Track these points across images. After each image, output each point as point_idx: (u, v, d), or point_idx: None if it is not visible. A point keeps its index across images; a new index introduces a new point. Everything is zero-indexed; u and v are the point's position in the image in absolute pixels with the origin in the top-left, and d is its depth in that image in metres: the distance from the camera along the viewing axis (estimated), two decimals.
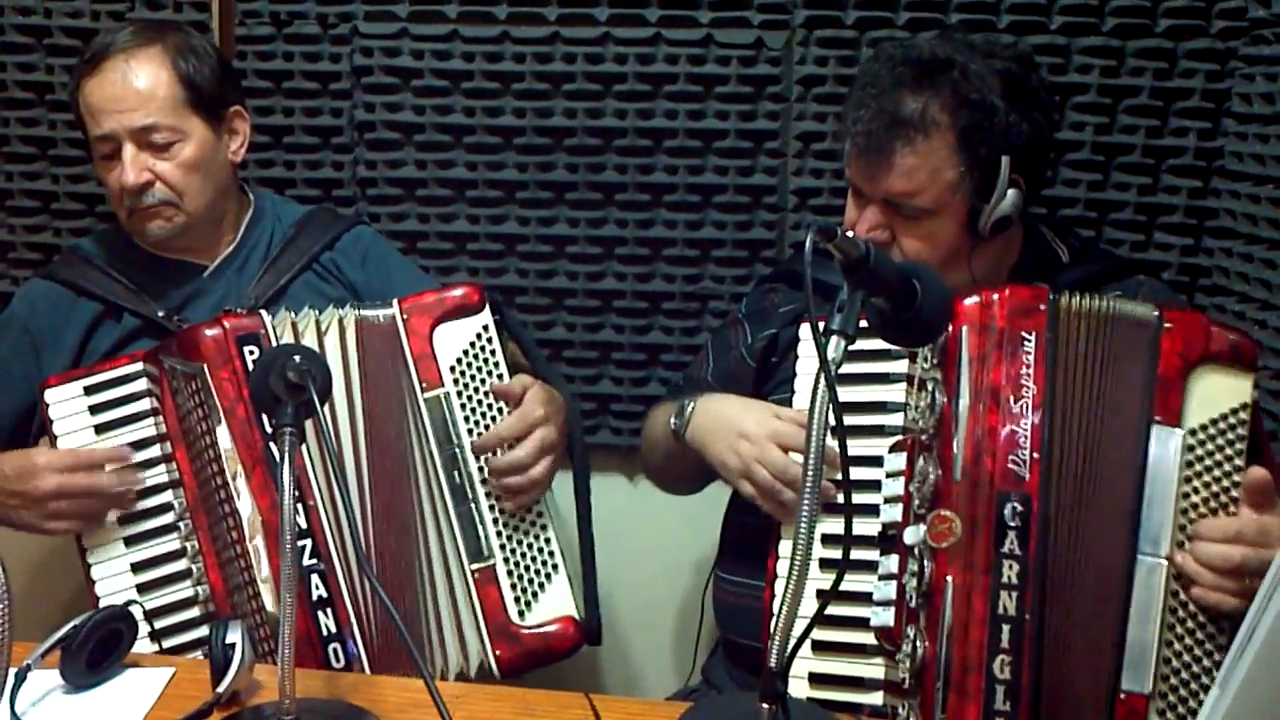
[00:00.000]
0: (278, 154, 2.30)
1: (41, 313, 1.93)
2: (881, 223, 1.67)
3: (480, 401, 1.75)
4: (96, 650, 1.45)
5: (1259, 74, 1.98)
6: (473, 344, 1.76)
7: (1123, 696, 1.38)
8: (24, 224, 2.38)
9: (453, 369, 1.75)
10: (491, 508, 1.73)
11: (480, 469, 1.73)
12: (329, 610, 1.64)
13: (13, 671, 1.34)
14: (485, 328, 1.77)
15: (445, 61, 2.23)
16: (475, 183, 2.27)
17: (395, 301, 1.76)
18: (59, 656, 1.43)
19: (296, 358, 1.35)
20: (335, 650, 1.63)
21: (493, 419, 1.75)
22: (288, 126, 2.29)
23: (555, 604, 1.74)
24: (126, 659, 1.50)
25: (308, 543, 1.64)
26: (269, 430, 1.60)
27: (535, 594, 1.73)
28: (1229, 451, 1.43)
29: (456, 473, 1.73)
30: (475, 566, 1.72)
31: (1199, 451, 1.43)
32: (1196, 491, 1.42)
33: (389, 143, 2.28)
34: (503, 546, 1.73)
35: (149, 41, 1.85)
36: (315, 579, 1.64)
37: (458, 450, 1.73)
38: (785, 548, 1.57)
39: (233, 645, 1.39)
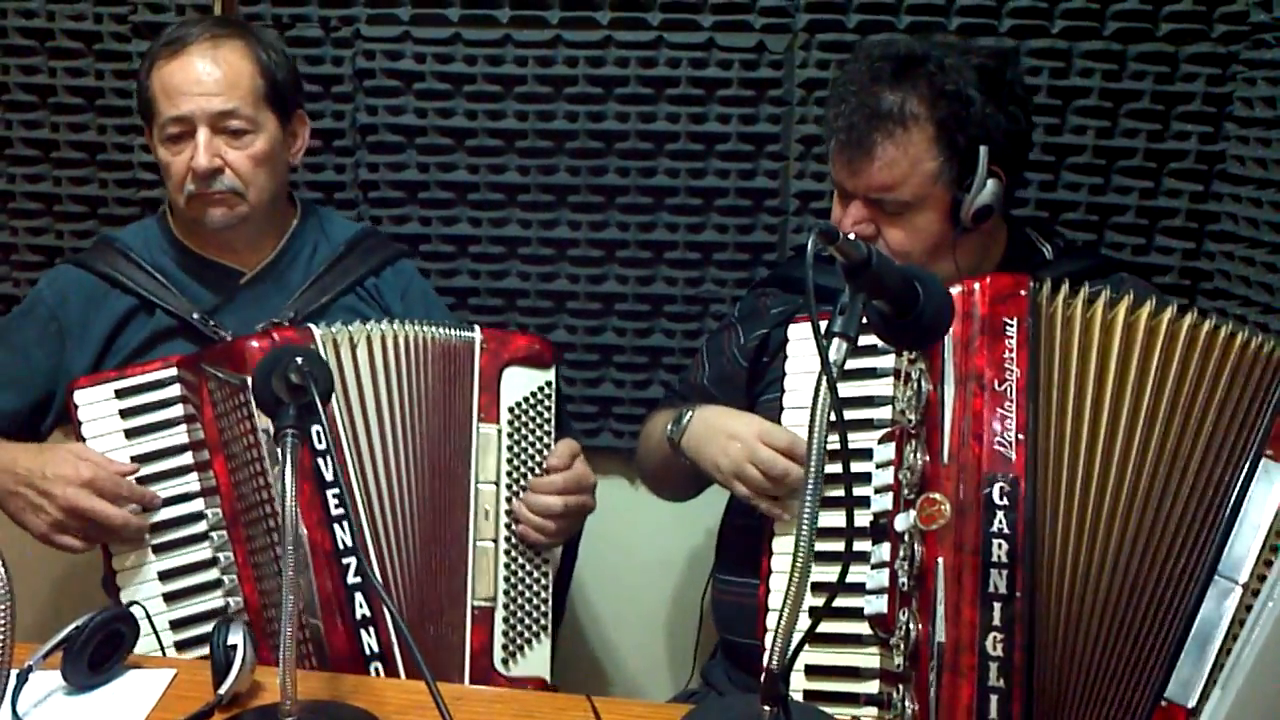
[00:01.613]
0: None
1: (72, 302, 1.89)
2: (865, 218, 1.70)
3: (523, 450, 1.78)
4: (98, 651, 1.45)
5: (1260, 78, 1.98)
6: (533, 394, 1.80)
7: (1164, 705, 1.39)
8: (26, 226, 2.39)
9: (511, 410, 1.78)
10: (507, 553, 1.75)
11: (508, 512, 1.76)
12: (372, 629, 1.60)
13: (14, 673, 1.34)
14: (549, 383, 1.81)
15: (447, 64, 2.23)
16: (477, 185, 2.27)
17: (478, 329, 1.79)
18: (61, 658, 1.43)
19: (299, 359, 1.35)
20: (377, 669, 1.59)
21: (532, 468, 1.79)
22: None
23: (535, 664, 1.75)
24: (128, 660, 1.50)
25: (352, 560, 1.60)
26: (318, 445, 1.58)
27: (521, 648, 1.75)
28: None
29: (487, 508, 1.75)
30: (478, 603, 1.72)
31: None
32: None
33: (391, 145, 2.28)
34: (506, 593, 1.75)
35: (234, 34, 1.87)
36: (359, 597, 1.60)
37: (495, 487, 1.75)
38: (779, 544, 1.60)
39: (234, 647, 1.39)
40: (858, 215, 1.70)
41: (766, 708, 1.23)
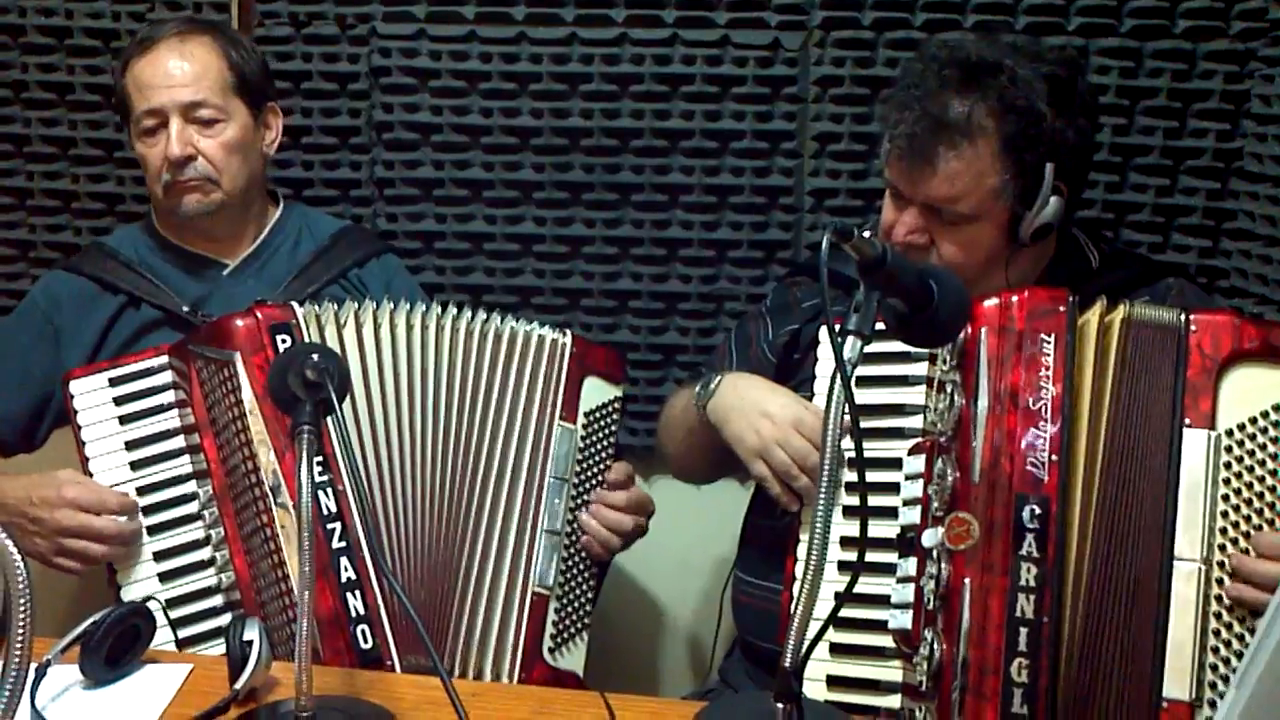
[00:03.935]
0: (296, 154, 2.31)
1: (65, 306, 1.95)
2: (920, 226, 1.65)
3: (592, 456, 1.84)
4: (115, 646, 1.46)
5: (1278, 75, 1.97)
6: (603, 406, 1.87)
7: (1165, 705, 1.37)
8: (44, 223, 2.40)
9: (586, 415, 1.84)
10: (566, 548, 1.80)
11: (572, 509, 1.81)
12: (358, 592, 1.64)
13: (33, 667, 1.35)
14: (619, 399, 1.89)
15: (463, 62, 2.24)
16: (492, 183, 2.28)
17: (569, 332, 1.86)
18: (78, 652, 1.44)
19: (314, 356, 1.36)
20: (363, 631, 1.63)
21: (594, 475, 1.84)
22: (305, 127, 2.30)
23: (575, 659, 1.81)
24: (145, 655, 1.51)
25: (337, 526, 1.65)
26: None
27: (567, 642, 1.80)
28: (1272, 449, 1.41)
29: (557, 501, 1.79)
30: (537, 589, 1.77)
31: (1237, 452, 1.41)
32: (1238, 493, 1.41)
33: (406, 143, 2.29)
34: (560, 585, 1.80)
35: (202, 30, 1.95)
36: (344, 561, 1.64)
37: (565, 485, 1.81)
38: (804, 550, 1.57)
39: (250, 642, 1.40)
40: (913, 224, 1.65)
41: (780, 705, 1.23)
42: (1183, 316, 1.47)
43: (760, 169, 2.21)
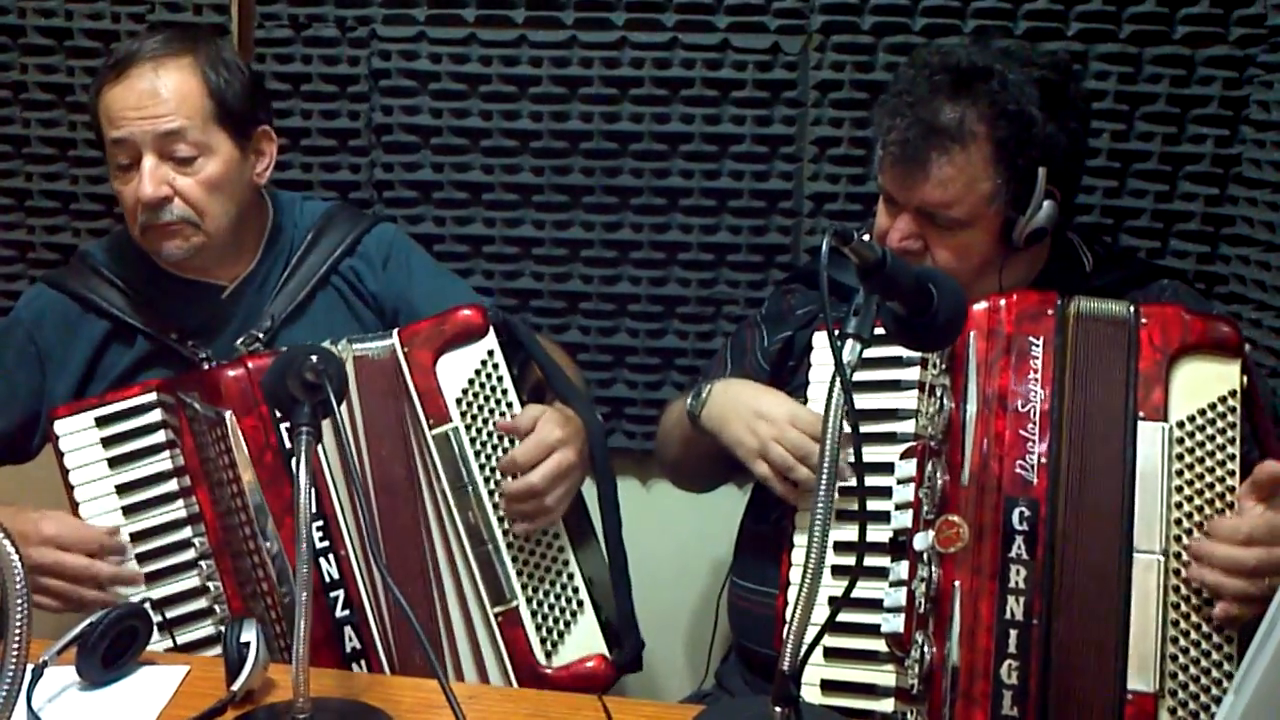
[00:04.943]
0: (295, 156, 2.31)
1: (48, 326, 1.85)
2: (914, 232, 1.65)
3: (490, 434, 1.66)
4: (112, 648, 1.46)
5: (1277, 81, 1.97)
6: (478, 371, 1.66)
7: (1130, 697, 1.37)
8: (43, 224, 2.40)
9: (459, 400, 1.65)
10: (510, 545, 1.64)
11: (496, 505, 1.64)
12: (363, 662, 1.61)
13: (30, 668, 1.35)
14: (490, 353, 1.67)
15: (462, 65, 2.24)
16: (491, 186, 2.28)
17: (395, 333, 1.68)
18: (75, 653, 1.43)
19: (313, 358, 1.36)
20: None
21: (505, 450, 1.65)
22: (305, 129, 2.30)
23: (583, 642, 1.65)
24: (141, 657, 1.51)
25: (340, 594, 1.60)
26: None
27: (561, 634, 1.65)
28: (1220, 440, 1.42)
29: (470, 513, 1.63)
30: (498, 610, 1.63)
31: (1189, 443, 1.42)
32: (1190, 484, 1.41)
33: (406, 145, 2.29)
34: (524, 586, 1.64)
35: (180, 51, 1.75)
36: (349, 631, 1.60)
37: (470, 489, 1.64)
38: (798, 554, 1.57)
39: (247, 644, 1.40)
40: (906, 230, 1.64)
41: (778, 709, 1.23)
42: (1132, 309, 1.48)
43: (759, 173, 2.21)
